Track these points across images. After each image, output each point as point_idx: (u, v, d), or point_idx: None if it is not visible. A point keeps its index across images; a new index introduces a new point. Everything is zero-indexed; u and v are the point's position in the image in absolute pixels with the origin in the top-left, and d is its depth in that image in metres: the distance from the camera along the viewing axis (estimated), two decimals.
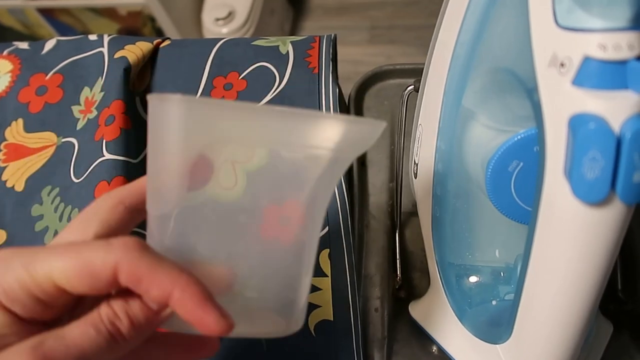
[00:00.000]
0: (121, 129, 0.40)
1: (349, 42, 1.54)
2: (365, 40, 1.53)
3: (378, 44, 1.52)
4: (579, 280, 0.21)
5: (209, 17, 1.24)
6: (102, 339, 0.19)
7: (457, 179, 0.30)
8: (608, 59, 0.18)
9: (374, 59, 1.46)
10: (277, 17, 1.39)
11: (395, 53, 1.48)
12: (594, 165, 0.18)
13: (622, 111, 0.18)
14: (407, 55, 1.46)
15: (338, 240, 0.37)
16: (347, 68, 1.50)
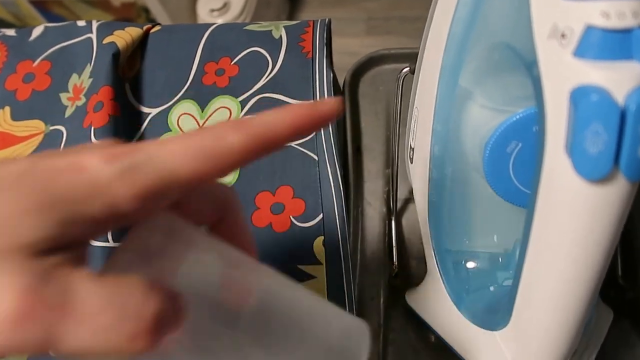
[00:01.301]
0: (110, 115, 0.39)
1: (346, 34, 1.53)
2: (362, 32, 1.52)
3: (375, 35, 1.50)
4: (581, 262, 0.20)
5: (204, 8, 1.22)
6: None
7: (454, 162, 0.29)
8: (611, 27, 0.17)
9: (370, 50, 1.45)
10: (273, 9, 1.38)
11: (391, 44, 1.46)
12: (597, 139, 0.17)
13: (626, 82, 0.17)
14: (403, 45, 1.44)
15: (332, 228, 0.36)
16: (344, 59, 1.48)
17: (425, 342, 0.35)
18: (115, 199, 0.15)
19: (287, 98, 0.41)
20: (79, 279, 0.14)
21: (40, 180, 0.15)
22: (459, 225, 0.32)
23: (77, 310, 0.14)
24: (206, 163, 0.16)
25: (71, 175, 0.15)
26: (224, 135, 0.16)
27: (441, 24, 0.27)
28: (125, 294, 0.15)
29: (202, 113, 0.41)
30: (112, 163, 0.15)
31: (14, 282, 0.13)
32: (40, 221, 0.14)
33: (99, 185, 0.15)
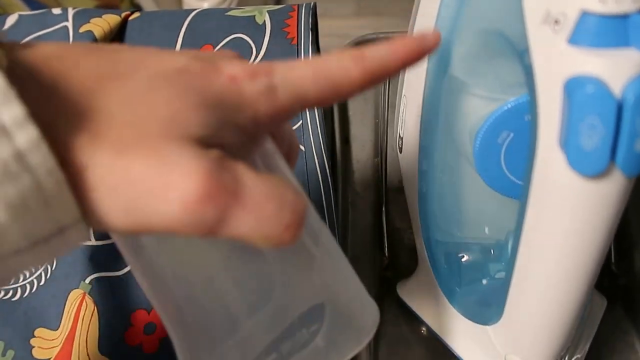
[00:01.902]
0: None
1: (335, 15, 1.50)
2: (351, 13, 1.50)
3: (365, 15, 1.48)
4: (575, 258, 0.19)
5: None
6: None
7: (443, 152, 0.28)
8: (608, 13, 0.16)
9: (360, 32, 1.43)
10: None
11: (382, 25, 1.44)
12: (593, 133, 0.16)
13: (624, 72, 0.16)
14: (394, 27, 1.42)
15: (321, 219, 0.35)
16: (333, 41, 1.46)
17: (417, 335, 0.34)
18: (258, 113, 0.16)
19: None
20: (245, 171, 0.15)
21: (198, 81, 0.15)
22: (449, 216, 0.31)
23: (247, 197, 0.15)
24: (330, 90, 0.17)
25: (224, 83, 0.16)
26: (347, 67, 0.17)
27: (429, 8, 0.25)
28: (282, 189, 0.16)
29: None
30: (256, 80, 0.16)
31: (198, 165, 0.14)
32: (204, 118, 0.15)
33: (246, 98, 0.16)
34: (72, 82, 0.14)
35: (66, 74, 0.14)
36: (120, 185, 0.14)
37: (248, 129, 0.16)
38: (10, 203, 0.12)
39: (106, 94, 0.14)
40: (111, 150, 0.14)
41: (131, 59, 0.15)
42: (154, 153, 0.14)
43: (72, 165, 0.13)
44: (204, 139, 0.15)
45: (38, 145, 0.12)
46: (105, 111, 0.14)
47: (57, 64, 0.14)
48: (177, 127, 0.14)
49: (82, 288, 0.33)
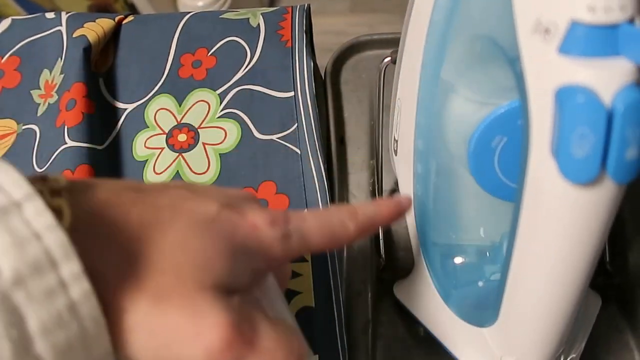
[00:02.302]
0: (83, 113, 0.38)
1: (330, 12, 1.50)
2: (346, 10, 1.49)
3: (360, 12, 1.48)
4: (568, 263, 0.20)
5: None
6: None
7: (438, 155, 0.29)
8: (598, 22, 0.16)
9: (356, 29, 1.42)
10: None
11: (377, 22, 1.44)
12: (583, 142, 0.16)
13: (614, 81, 0.16)
14: (389, 23, 1.42)
15: None
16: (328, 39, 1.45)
17: (415, 336, 0.35)
18: (272, 257, 0.19)
19: (267, 89, 0.39)
20: (260, 319, 0.17)
21: (226, 229, 0.18)
22: (445, 219, 0.31)
23: (261, 345, 0.17)
24: (330, 241, 0.20)
25: (248, 231, 0.18)
26: (345, 223, 0.21)
27: (421, 13, 0.25)
28: (290, 337, 0.18)
29: (179, 107, 0.40)
30: (274, 228, 0.19)
31: (224, 317, 0.16)
32: (231, 266, 0.17)
33: (264, 244, 0.18)
34: (121, 229, 0.16)
35: (117, 222, 0.16)
36: (155, 330, 0.15)
37: (261, 270, 0.19)
38: (59, 347, 0.14)
39: (149, 242, 0.16)
40: (150, 298, 0.15)
41: (170, 204, 0.17)
42: (187, 302, 0.16)
43: (114, 309, 0.15)
44: (229, 285, 0.17)
45: (89, 297, 0.14)
46: (148, 258, 0.16)
47: (110, 212, 0.16)
48: (207, 275, 0.16)
49: None
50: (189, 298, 0.16)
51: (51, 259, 0.13)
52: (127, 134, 0.40)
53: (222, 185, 0.37)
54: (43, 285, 0.13)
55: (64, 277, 0.14)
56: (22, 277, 0.13)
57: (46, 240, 0.13)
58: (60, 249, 0.14)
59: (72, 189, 0.16)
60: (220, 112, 0.39)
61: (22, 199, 0.14)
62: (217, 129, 0.39)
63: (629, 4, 0.16)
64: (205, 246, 0.17)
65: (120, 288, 0.15)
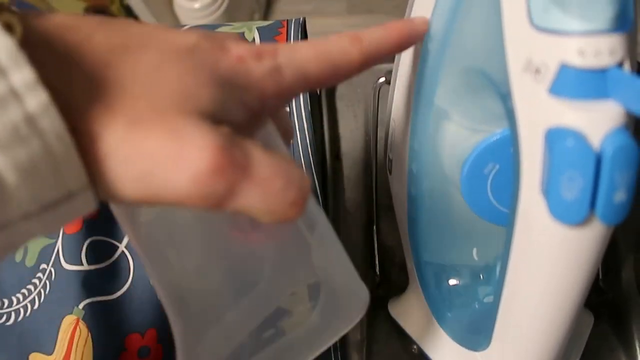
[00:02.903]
0: None
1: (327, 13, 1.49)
2: (343, 10, 1.49)
3: (356, 14, 1.47)
4: (558, 297, 0.20)
5: None
6: None
7: (431, 180, 0.29)
8: (587, 66, 0.16)
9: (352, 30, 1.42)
10: None
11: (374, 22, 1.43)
12: (572, 185, 0.16)
13: (603, 125, 0.16)
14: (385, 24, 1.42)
15: None
16: None
17: (409, 354, 0.35)
18: (264, 93, 0.17)
19: None
20: (254, 147, 0.15)
21: (208, 59, 0.16)
22: (438, 239, 0.31)
23: (255, 172, 0.15)
24: (331, 71, 0.18)
25: (232, 62, 0.16)
26: (347, 49, 0.18)
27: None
28: (290, 167, 0.16)
29: None
30: (262, 60, 0.17)
31: (210, 139, 0.14)
32: (215, 94, 0.15)
33: (253, 78, 0.17)
34: (85, 53, 0.14)
35: (79, 45, 0.14)
36: (132, 156, 0.14)
37: (255, 108, 0.17)
38: (20, 166, 0.12)
39: (119, 67, 0.14)
40: (125, 121, 0.14)
41: (142, 32, 0.15)
42: (167, 126, 0.14)
43: (85, 134, 0.13)
44: (214, 115, 0.15)
45: (48, 109, 0.12)
46: (119, 83, 0.14)
47: (70, 35, 0.14)
48: (189, 102, 0.15)
49: (75, 314, 0.33)
50: (169, 121, 0.14)
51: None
52: None
53: None
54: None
55: (15, 86, 0.12)
56: None
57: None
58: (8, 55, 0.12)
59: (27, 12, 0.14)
60: None
61: None
62: None
63: (618, 48, 0.16)
64: (183, 73, 0.15)
65: (89, 112, 0.14)
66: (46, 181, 0.13)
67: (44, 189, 0.13)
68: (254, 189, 0.15)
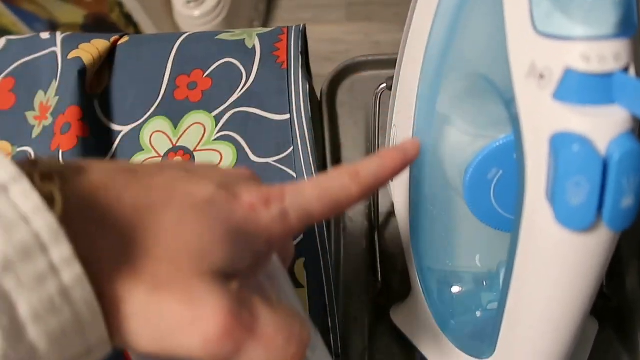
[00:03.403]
0: (78, 137, 0.38)
1: (326, 21, 1.50)
2: (342, 18, 1.50)
3: (356, 21, 1.48)
4: (564, 304, 0.20)
5: (179, 0, 1.19)
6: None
7: (433, 185, 0.28)
8: (592, 71, 0.16)
9: (351, 37, 1.43)
10: None
11: (373, 30, 1.45)
12: (579, 191, 0.16)
13: (609, 130, 0.16)
14: (385, 32, 1.43)
15: (313, 248, 0.35)
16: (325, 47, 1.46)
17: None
18: (272, 238, 0.18)
19: (262, 112, 0.39)
20: (259, 305, 0.17)
21: (223, 211, 0.17)
22: (441, 246, 0.31)
23: (260, 331, 0.16)
24: (333, 207, 0.19)
25: (244, 212, 0.17)
26: (347, 185, 0.19)
27: (416, 46, 0.25)
28: (291, 322, 0.17)
29: (175, 130, 0.40)
30: (270, 207, 0.18)
31: (221, 304, 0.15)
32: (228, 250, 0.16)
33: (262, 225, 0.18)
34: (115, 216, 0.15)
35: (110, 208, 0.15)
36: (152, 319, 0.15)
37: (262, 252, 0.18)
38: (52, 334, 0.13)
39: (144, 228, 0.16)
40: (147, 286, 0.15)
41: (163, 185, 0.17)
42: (184, 290, 0.15)
43: (110, 297, 0.15)
44: (226, 269, 0.16)
45: (81, 281, 0.14)
46: (143, 246, 0.15)
47: (102, 196, 0.16)
48: (205, 261, 0.16)
49: None
50: (186, 285, 0.15)
51: (40, 243, 0.13)
52: (123, 157, 0.39)
53: None
54: (33, 270, 0.13)
55: (55, 262, 0.13)
56: (11, 262, 0.13)
57: (35, 224, 0.13)
58: (50, 232, 0.13)
59: (63, 172, 0.15)
60: (216, 135, 0.39)
61: (8, 181, 0.13)
62: (212, 152, 0.39)
63: (623, 53, 0.16)
64: (202, 231, 0.16)
65: (116, 275, 0.15)
66: (72, 342, 0.14)
67: (67, 349, 0.14)
68: (259, 347, 0.16)
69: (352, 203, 0.20)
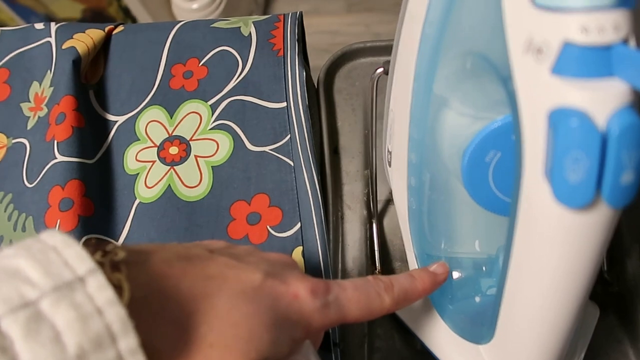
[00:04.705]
0: (73, 127, 0.37)
1: (326, 12, 1.49)
2: (342, 10, 1.49)
3: (355, 12, 1.47)
4: (564, 285, 0.19)
5: None
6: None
7: (432, 169, 0.28)
8: (591, 43, 0.16)
9: (352, 29, 1.42)
10: None
11: (373, 21, 1.44)
12: (577, 166, 0.16)
13: (608, 103, 0.16)
14: (385, 23, 1.42)
15: (311, 236, 0.35)
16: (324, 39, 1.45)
17: (412, 349, 0.34)
18: (311, 327, 0.20)
19: (259, 100, 0.39)
20: None
21: (270, 299, 0.18)
22: (439, 231, 0.31)
23: None
24: (366, 314, 0.21)
25: (290, 301, 0.19)
26: (382, 296, 0.22)
27: (412, 27, 0.25)
28: None
29: (171, 120, 0.39)
30: (315, 298, 0.20)
31: None
32: (274, 337, 0.18)
33: (305, 314, 0.19)
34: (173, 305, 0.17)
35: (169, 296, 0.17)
36: None
37: (300, 339, 0.19)
38: None
39: (199, 316, 0.17)
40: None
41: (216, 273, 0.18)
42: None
43: None
44: (270, 356, 0.17)
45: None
46: (198, 332, 0.16)
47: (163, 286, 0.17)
48: (253, 347, 0.17)
49: None
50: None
51: (111, 334, 0.14)
52: (118, 147, 0.39)
53: (216, 198, 0.36)
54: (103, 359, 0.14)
55: (122, 352, 0.14)
56: (85, 352, 0.13)
57: (107, 316, 0.14)
58: (120, 323, 0.14)
59: (129, 260, 0.16)
60: (212, 124, 0.39)
61: (86, 274, 0.14)
62: (209, 141, 0.38)
63: (622, 23, 0.16)
64: (251, 317, 0.17)
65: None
66: None
67: None
68: None
69: (382, 313, 0.22)
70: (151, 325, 0.16)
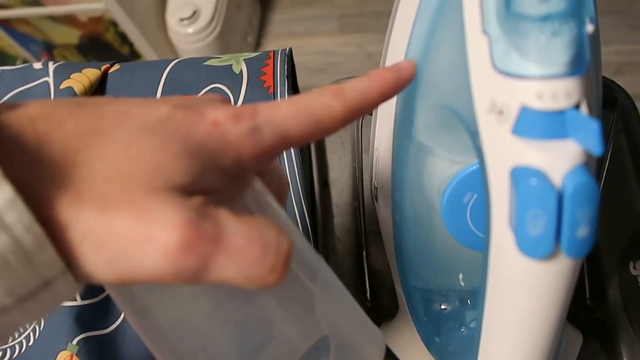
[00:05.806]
0: None
1: (319, 33, 1.51)
2: (335, 30, 1.51)
3: (348, 32, 1.49)
4: (532, 326, 0.20)
5: (173, 18, 1.20)
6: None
7: (414, 207, 0.29)
8: (546, 108, 0.17)
9: (344, 49, 1.44)
10: (244, 12, 1.36)
11: (365, 41, 1.46)
12: (537, 222, 0.17)
13: (563, 163, 0.17)
14: (378, 43, 1.44)
15: None
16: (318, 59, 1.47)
17: None
18: (242, 155, 0.17)
19: None
20: (226, 216, 0.15)
21: (181, 129, 0.16)
22: (424, 265, 0.32)
23: (228, 243, 0.15)
24: (313, 127, 0.18)
25: (207, 128, 0.16)
26: (329, 103, 0.18)
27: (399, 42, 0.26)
28: (265, 232, 0.16)
29: None
30: (239, 123, 0.17)
31: (178, 216, 0.14)
32: (187, 166, 0.15)
33: (229, 141, 0.17)
34: (55, 142, 0.14)
35: (50, 135, 0.15)
36: (103, 241, 0.14)
37: (233, 171, 0.17)
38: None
39: (89, 151, 0.15)
40: (94, 207, 0.14)
41: (115, 111, 0.16)
42: (135, 207, 0.14)
43: (57, 223, 0.14)
44: (186, 186, 0.15)
45: (13, 203, 0.13)
46: (88, 168, 0.14)
47: (41, 126, 0.15)
48: (159, 178, 0.15)
49: (69, 350, 0.33)
50: (137, 203, 0.14)
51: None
52: None
53: None
54: None
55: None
56: None
57: None
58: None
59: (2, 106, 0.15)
60: None
61: None
62: None
63: (574, 91, 0.17)
64: (154, 148, 0.15)
65: (58, 201, 0.14)
66: (19, 273, 0.13)
67: (18, 281, 0.13)
68: (229, 260, 0.15)
69: (336, 124, 0.18)
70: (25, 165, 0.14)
